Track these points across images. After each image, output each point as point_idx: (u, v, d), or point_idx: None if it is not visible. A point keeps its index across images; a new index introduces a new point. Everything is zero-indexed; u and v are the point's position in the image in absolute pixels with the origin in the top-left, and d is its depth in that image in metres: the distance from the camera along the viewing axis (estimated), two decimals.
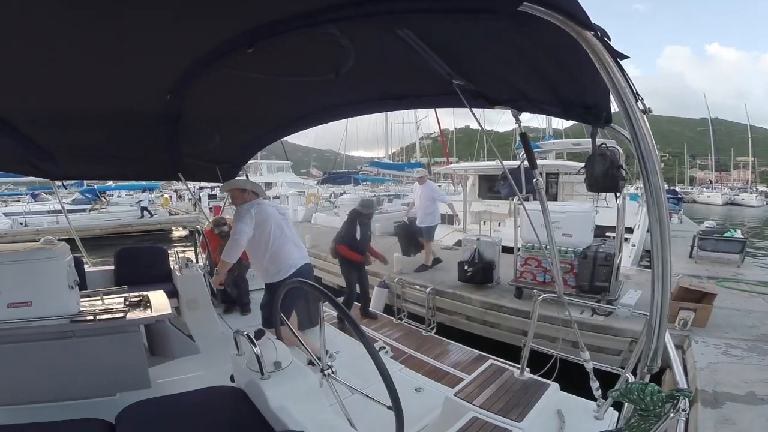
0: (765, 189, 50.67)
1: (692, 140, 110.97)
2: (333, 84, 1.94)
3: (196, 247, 4.99)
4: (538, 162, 2.01)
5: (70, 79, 1.77)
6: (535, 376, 2.36)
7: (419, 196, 6.65)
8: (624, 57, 1.04)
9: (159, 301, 2.87)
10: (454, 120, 43.80)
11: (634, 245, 7.92)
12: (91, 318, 2.47)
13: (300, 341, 1.97)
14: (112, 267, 4.20)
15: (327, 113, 2.59)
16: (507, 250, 5.96)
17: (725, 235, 7.58)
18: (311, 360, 1.89)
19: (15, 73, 1.65)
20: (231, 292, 4.21)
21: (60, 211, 12.55)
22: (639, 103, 1.08)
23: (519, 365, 2.38)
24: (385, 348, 3.87)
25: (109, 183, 20.45)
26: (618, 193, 2.29)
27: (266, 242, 2.98)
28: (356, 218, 4.66)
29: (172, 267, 4.27)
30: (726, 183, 58.84)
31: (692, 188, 53.99)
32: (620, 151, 2.10)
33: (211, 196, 20.13)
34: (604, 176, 2.12)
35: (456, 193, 13.83)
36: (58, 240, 2.68)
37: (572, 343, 2.22)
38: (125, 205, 19.48)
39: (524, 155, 1.87)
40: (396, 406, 1.30)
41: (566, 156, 13.60)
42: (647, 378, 1.35)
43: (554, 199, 9.70)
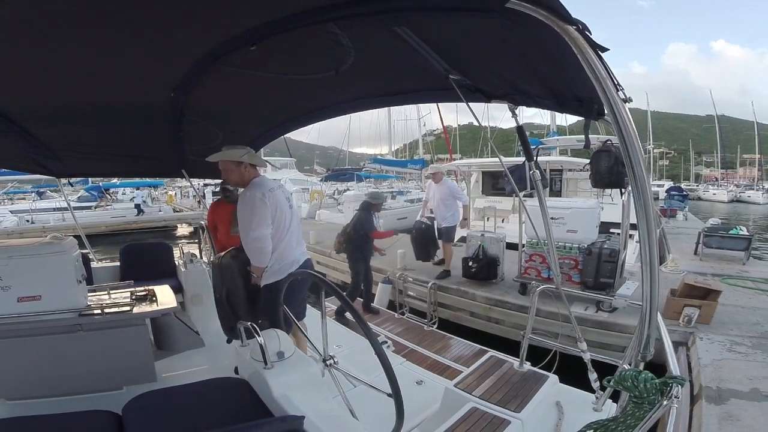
0: None
1: (698, 137, 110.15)
2: (333, 81, 1.97)
3: (200, 243, 5.02)
4: (542, 158, 2.02)
5: (76, 77, 1.80)
6: (534, 368, 2.38)
7: (435, 195, 6.19)
8: (604, 50, 1.08)
9: (164, 295, 2.90)
10: (457, 116, 43.82)
11: (638, 242, 7.86)
12: (99, 312, 2.50)
13: (302, 332, 2.00)
14: (118, 263, 4.24)
15: (328, 110, 2.61)
16: (511, 246, 5.95)
17: (730, 232, 7.53)
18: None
19: (21, 72, 1.67)
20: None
21: (66, 209, 12.68)
22: (620, 93, 1.11)
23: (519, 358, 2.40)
24: (386, 342, 3.88)
25: (114, 180, 20.58)
26: (623, 190, 2.29)
27: (273, 237, 2.78)
28: (369, 209, 4.89)
29: (176, 263, 4.30)
30: (732, 180, 58.25)
31: (698, 185, 53.45)
32: None
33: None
34: (609, 172, 2.12)
35: (460, 189, 13.77)
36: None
37: (574, 339, 2.23)
38: (127, 202, 19.59)
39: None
40: (395, 391, 1.31)
41: (570, 152, 13.54)
42: (641, 366, 1.37)
43: (558, 195, 9.66)
